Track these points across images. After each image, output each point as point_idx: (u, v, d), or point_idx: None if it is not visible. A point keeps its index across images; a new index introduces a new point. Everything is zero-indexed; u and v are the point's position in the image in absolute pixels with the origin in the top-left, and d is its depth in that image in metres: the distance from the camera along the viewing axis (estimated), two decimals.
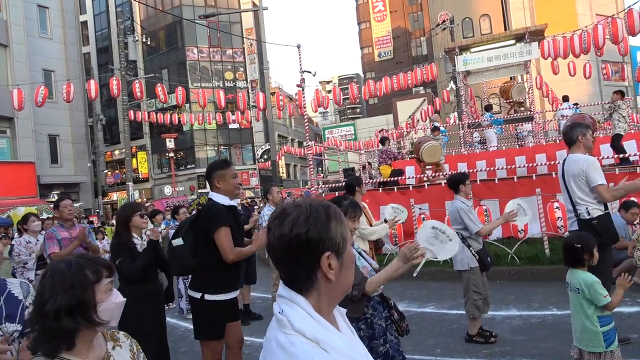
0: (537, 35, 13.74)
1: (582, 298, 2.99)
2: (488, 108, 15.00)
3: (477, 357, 4.25)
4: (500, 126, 13.99)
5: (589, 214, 3.87)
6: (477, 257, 4.48)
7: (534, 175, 8.78)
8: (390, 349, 2.70)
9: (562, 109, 12.96)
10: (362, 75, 59.82)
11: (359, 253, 2.90)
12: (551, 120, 15.91)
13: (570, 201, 4.00)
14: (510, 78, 17.43)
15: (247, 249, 3.42)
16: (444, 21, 23.48)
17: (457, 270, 4.69)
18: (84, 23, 36.15)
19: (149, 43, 30.67)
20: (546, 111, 17.37)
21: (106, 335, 1.60)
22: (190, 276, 3.50)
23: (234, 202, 3.51)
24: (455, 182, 4.76)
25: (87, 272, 1.45)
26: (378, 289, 2.70)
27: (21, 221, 6.93)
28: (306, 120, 12.97)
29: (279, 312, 1.09)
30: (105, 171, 34.09)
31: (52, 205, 8.61)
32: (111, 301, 1.49)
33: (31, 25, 21.83)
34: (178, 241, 3.32)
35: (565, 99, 13.86)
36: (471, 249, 4.48)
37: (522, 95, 15.56)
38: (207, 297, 3.24)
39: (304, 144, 12.48)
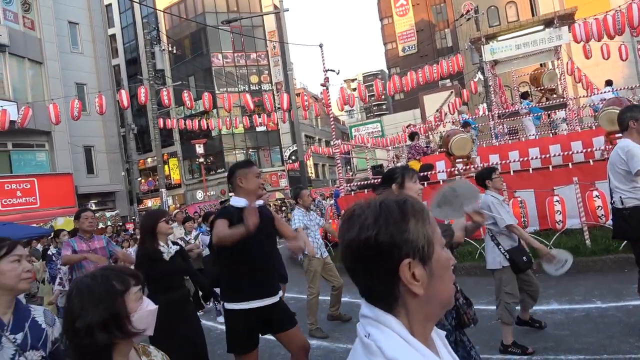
0: (566, 19, 13.28)
1: None
2: (525, 95, 14.55)
3: (518, 354, 4.12)
4: (538, 114, 13.53)
5: (622, 203, 3.71)
6: (507, 256, 4.17)
7: (570, 163, 8.48)
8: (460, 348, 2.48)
9: (604, 92, 12.43)
10: (387, 71, 59.31)
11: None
12: (585, 107, 15.35)
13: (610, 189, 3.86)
14: (541, 65, 16.89)
15: (236, 229, 2.97)
16: (468, 11, 22.97)
17: (489, 270, 4.39)
18: (113, 36, 37.22)
19: (175, 52, 31.29)
20: (580, 97, 16.77)
21: (138, 350, 1.56)
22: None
23: (260, 202, 3.28)
24: (481, 179, 4.50)
25: (114, 283, 1.42)
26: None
27: (54, 235, 7.12)
28: (332, 119, 12.93)
29: (365, 336, 0.89)
30: (139, 179, 35.01)
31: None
32: (143, 309, 1.45)
33: (63, 42, 22.63)
34: (206, 251, 3.33)
35: (609, 82, 13.24)
36: (500, 247, 4.20)
37: (554, 82, 15.07)
38: (227, 305, 3.10)
39: (331, 143, 12.45)
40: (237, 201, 3.19)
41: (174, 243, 3.93)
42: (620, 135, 4.12)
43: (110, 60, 27.68)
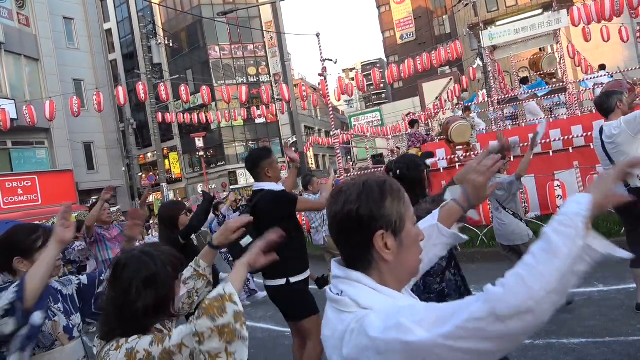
0: (565, 2, 13.21)
1: None
2: (524, 81, 14.43)
3: None
4: (542, 89, 13.34)
5: None
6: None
7: (570, 148, 8.45)
8: (447, 288, 2.65)
9: (599, 76, 12.36)
10: (385, 60, 59.01)
11: None
12: (586, 90, 15.26)
13: None
14: (540, 49, 16.77)
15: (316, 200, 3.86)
16: None
17: (514, 246, 4.54)
18: (109, 31, 36.97)
19: (171, 45, 31.12)
20: (580, 80, 16.66)
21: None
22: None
23: (282, 186, 3.51)
24: None
25: (169, 269, 1.51)
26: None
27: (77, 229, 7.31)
28: (331, 109, 12.89)
29: (337, 294, 1.03)
30: (140, 174, 35.00)
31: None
32: (182, 294, 1.61)
33: (58, 37, 22.48)
34: (247, 240, 3.34)
35: (602, 67, 13.20)
36: (523, 221, 4.48)
37: (554, 66, 14.96)
38: (292, 279, 3.27)
39: (331, 133, 12.43)
40: (273, 186, 3.40)
41: None
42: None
43: (107, 56, 27.52)
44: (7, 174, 19.09)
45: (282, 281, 3.25)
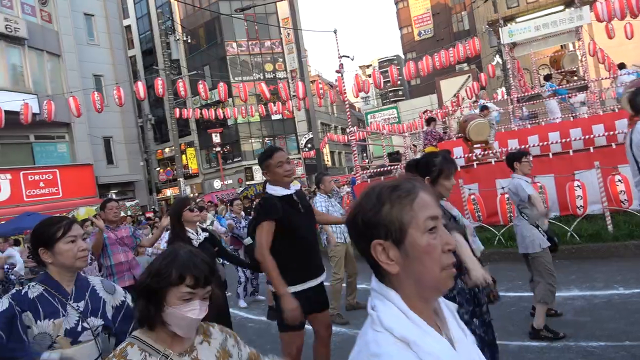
0: None
1: None
2: (548, 78, 14.21)
3: (538, 340, 4.09)
4: (565, 96, 13.19)
5: None
6: (546, 236, 4.18)
7: (591, 147, 8.29)
8: (459, 296, 2.53)
9: (621, 75, 12.11)
10: (403, 57, 58.57)
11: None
12: (608, 89, 14.94)
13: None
14: (561, 46, 16.48)
15: (276, 279, 3.05)
16: None
17: (527, 254, 4.31)
18: (128, 27, 37.42)
19: (189, 41, 31.35)
20: (602, 79, 16.30)
21: (199, 328, 1.58)
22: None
23: (293, 189, 3.30)
24: (511, 160, 4.48)
25: (173, 272, 1.45)
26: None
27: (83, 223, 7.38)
28: (347, 106, 12.86)
29: (371, 308, 0.98)
30: (158, 169, 35.43)
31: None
32: (181, 311, 1.45)
33: (79, 34, 22.84)
34: (248, 240, 3.36)
35: (622, 66, 12.94)
36: (540, 228, 4.19)
37: (575, 63, 14.72)
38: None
39: (347, 130, 12.40)
40: (274, 190, 3.23)
41: (204, 230, 4.00)
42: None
43: (126, 51, 27.87)
44: (30, 167, 19.51)
45: (273, 288, 3.19)
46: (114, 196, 22.35)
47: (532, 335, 4.13)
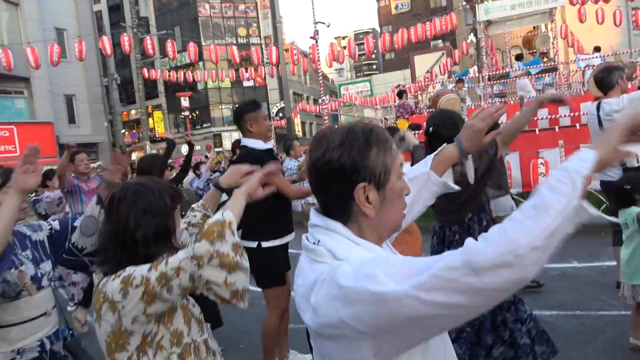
0: None
1: None
2: (519, 57, 14.31)
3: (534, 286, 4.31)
4: (538, 66, 13.25)
5: (638, 161, 3.72)
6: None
7: (556, 127, 8.50)
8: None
9: (592, 57, 12.31)
10: (379, 30, 58.07)
11: None
12: (576, 72, 15.27)
13: None
14: (534, 27, 16.65)
15: (304, 187, 3.32)
16: None
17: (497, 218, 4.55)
18: None
19: None
20: (571, 62, 16.66)
21: None
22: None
23: (269, 145, 3.36)
24: None
25: (167, 200, 1.50)
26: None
27: (45, 175, 7.03)
28: (320, 75, 12.71)
29: (314, 243, 0.98)
30: (123, 131, 34.33)
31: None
32: (182, 227, 1.59)
33: None
34: (223, 197, 3.27)
35: (597, 49, 13.14)
36: (509, 194, 4.51)
37: (546, 45, 14.93)
38: (264, 244, 3.18)
39: (319, 100, 12.27)
40: (255, 144, 3.24)
41: None
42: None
43: (91, 5, 26.43)
44: None
45: (254, 244, 3.17)
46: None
47: None
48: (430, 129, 2.56)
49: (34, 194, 6.87)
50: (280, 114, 33.20)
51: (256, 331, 4.45)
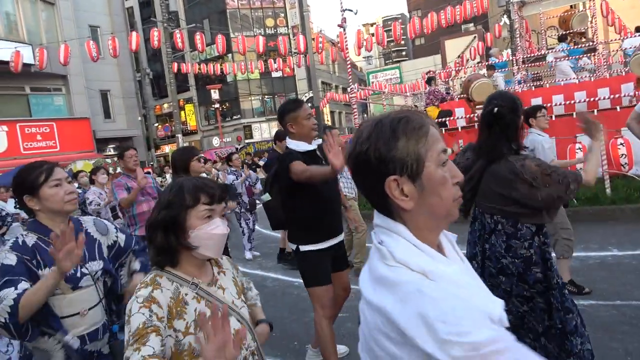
0: None
1: None
2: (562, 38, 13.70)
3: (574, 293, 4.13)
4: (580, 56, 12.71)
5: None
6: None
7: (595, 110, 8.17)
8: (535, 255, 2.39)
9: (636, 36, 11.68)
10: (408, 15, 57.00)
11: None
12: (616, 52, 14.56)
13: None
14: (571, 6, 15.95)
15: (323, 168, 2.83)
16: None
17: None
18: None
19: None
20: (611, 41, 15.88)
21: (212, 261, 1.68)
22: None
23: (315, 145, 3.13)
24: (525, 116, 4.32)
25: (186, 196, 1.52)
26: None
27: (92, 172, 7.25)
28: (349, 63, 12.55)
29: (379, 243, 0.97)
30: (156, 124, 35.12)
31: (107, 160, 8.85)
32: (205, 230, 1.51)
33: None
34: (266, 197, 3.31)
35: (639, 29, 12.48)
36: None
37: (584, 24, 14.28)
38: (302, 248, 3.13)
39: (348, 89, 12.18)
40: (297, 145, 3.07)
41: None
42: None
43: (123, 2, 27.01)
44: (26, 119, 19.29)
45: (294, 246, 3.18)
46: (112, 151, 22.26)
47: None
48: (495, 109, 2.48)
49: (81, 190, 7.16)
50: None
51: (287, 319, 4.52)
